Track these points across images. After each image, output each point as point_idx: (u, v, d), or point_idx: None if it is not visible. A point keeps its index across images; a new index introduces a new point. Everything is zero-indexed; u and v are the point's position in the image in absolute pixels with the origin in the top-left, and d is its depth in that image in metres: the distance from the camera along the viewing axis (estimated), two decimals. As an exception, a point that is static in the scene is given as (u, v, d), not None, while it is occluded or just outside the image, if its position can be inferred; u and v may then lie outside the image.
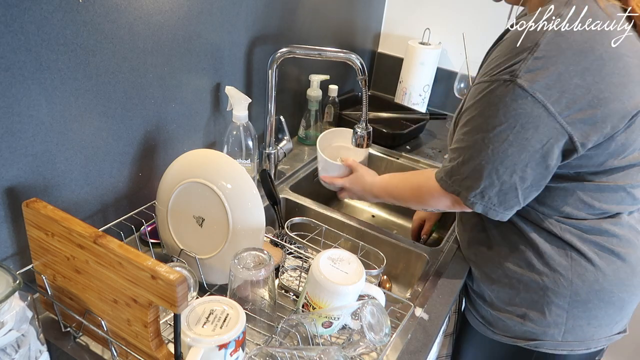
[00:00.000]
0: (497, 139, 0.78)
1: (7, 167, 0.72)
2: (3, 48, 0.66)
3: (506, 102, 0.75)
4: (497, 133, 0.77)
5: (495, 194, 0.82)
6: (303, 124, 1.44)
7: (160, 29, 0.88)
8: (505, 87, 0.75)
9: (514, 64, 0.74)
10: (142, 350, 0.68)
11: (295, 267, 0.97)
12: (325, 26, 1.43)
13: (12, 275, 0.63)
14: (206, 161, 0.84)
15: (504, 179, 0.80)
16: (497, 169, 0.80)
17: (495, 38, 0.95)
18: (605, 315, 0.92)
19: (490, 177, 0.81)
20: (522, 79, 0.73)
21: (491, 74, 0.77)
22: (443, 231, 1.45)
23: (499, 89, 0.76)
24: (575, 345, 0.94)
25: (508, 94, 0.75)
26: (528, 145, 0.77)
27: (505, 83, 0.75)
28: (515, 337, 0.97)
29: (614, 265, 0.89)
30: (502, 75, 0.75)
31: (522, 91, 0.73)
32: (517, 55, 0.74)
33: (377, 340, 0.72)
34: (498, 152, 0.78)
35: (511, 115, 0.75)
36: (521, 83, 0.73)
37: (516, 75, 0.73)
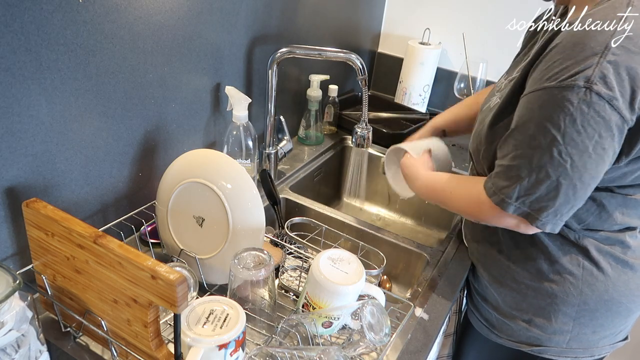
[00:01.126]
0: (576, 152, 0.71)
1: (7, 167, 0.72)
2: (3, 48, 0.66)
3: (583, 111, 0.69)
4: (576, 145, 0.70)
5: (567, 212, 0.76)
6: (303, 124, 1.44)
7: (160, 29, 0.88)
8: (580, 93, 0.68)
9: (585, 69, 0.68)
10: (142, 350, 0.68)
11: (295, 267, 0.97)
12: (325, 26, 1.43)
13: (12, 275, 0.63)
14: (206, 161, 0.84)
15: (580, 194, 0.75)
16: (575, 185, 0.73)
17: (495, 38, 0.94)
18: (611, 324, 0.91)
19: (566, 194, 0.74)
20: (598, 85, 0.67)
21: (558, 79, 0.70)
22: (443, 231, 1.45)
23: (573, 97, 0.69)
24: (580, 352, 0.93)
25: (585, 101, 0.68)
26: (605, 155, 0.72)
27: (580, 89, 0.68)
28: (519, 341, 0.96)
29: (625, 276, 0.88)
30: (575, 80, 0.68)
31: (599, 98, 0.68)
32: (587, 59, 0.68)
33: (377, 340, 0.72)
34: (578, 166, 0.72)
35: (590, 124, 0.69)
36: (598, 90, 0.68)
37: (592, 82, 0.68)
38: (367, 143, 1.17)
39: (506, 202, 0.77)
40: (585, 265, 0.87)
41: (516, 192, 0.76)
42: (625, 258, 0.87)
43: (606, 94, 0.68)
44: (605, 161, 0.73)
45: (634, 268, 0.88)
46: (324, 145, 1.46)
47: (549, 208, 0.75)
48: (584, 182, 0.73)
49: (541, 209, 0.76)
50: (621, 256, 0.87)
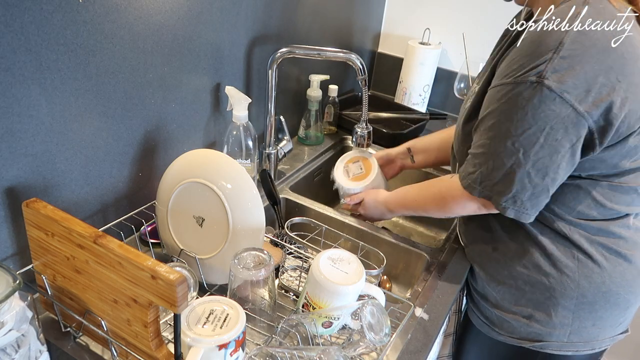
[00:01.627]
0: (527, 143, 0.76)
1: (7, 167, 0.72)
2: (3, 48, 0.66)
3: (534, 104, 0.73)
4: (527, 136, 0.76)
5: (528, 198, 0.81)
6: (303, 124, 1.44)
7: (160, 29, 0.88)
8: (532, 88, 0.73)
9: (539, 65, 0.72)
10: (142, 350, 0.68)
11: (295, 267, 0.97)
12: (325, 26, 1.43)
13: (12, 275, 0.63)
14: (206, 161, 0.84)
15: (536, 182, 0.79)
16: (529, 172, 0.78)
17: (495, 38, 0.95)
18: (611, 316, 0.92)
19: (522, 181, 0.79)
20: (549, 79, 0.72)
21: (514, 76, 0.75)
22: (443, 231, 1.45)
23: (526, 91, 0.74)
24: (580, 345, 0.94)
25: (536, 95, 0.73)
26: (559, 146, 0.76)
27: (532, 85, 0.73)
28: (520, 338, 0.96)
29: (620, 267, 0.89)
30: (528, 76, 0.73)
31: (550, 92, 0.72)
32: (542, 55, 0.73)
33: (377, 340, 0.72)
34: (529, 155, 0.77)
35: (540, 117, 0.74)
36: (549, 84, 0.72)
37: (543, 77, 0.72)
38: (367, 143, 1.17)
39: (472, 186, 0.85)
40: (580, 258, 0.89)
41: (479, 177, 0.84)
42: (618, 249, 0.88)
43: (557, 88, 0.72)
44: (560, 152, 0.76)
45: (628, 259, 0.89)
46: (324, 145, 1.46)
47: (507, 193, 0.81)
48: (539, 170, 0.78)
49: (500, 193, 0.82)
50: (614, 247, 0.88)
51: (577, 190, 0.85)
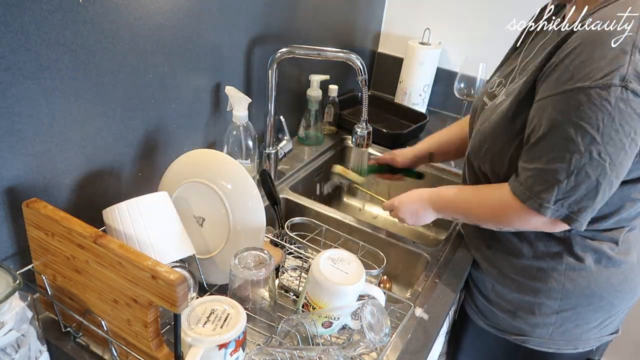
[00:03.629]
0: (614, 150, 0.72)
1: (7, 167, 0.72)
2: (3, 48, 0.66)
3: (621, 109, 0.69)
4: (614, 144, 0.71)
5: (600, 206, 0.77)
6: (303, 124, 1.44)
7: (160, 29, 0.88)
8: (615, 92, 0.69)
9: (619, 67, 0.68)
10: (142, 350, 0.68)
11: (295, 267, 0.97)
12: (325, 26, 1.43)
13: (12, 275, 0.63)
14: (206, 161, 0.84)
15: (614, 190, 0.76)
16: (612, 182, 0.74)
17: (495, 38, 0.95)
18: (594, 318, 0.93)
19: (604, 192, 0.75)
20: (633, 83, 0.68)
21: (592, 79, 0.70)
22: (443, 231, 1.45)
23: (610, 96, 0.69)
24: (563, 344, 0.96)
25: (622, 99, 0.69)
26: (636, 149, 0.73)
27: (616, 88, 0.68)
28: (503, 330, 1.00)
29: (607, 272, 0.89)
30: (610, 80, 0.69)
31: (634, 96, 0.69)
32: (619, 58, 0.69)
33: (377, 340, 0.72)
34: (615, 164, 0.73)
35: (627, 121, 0.70)
36: (634, 87, 0.68)
37: (627, 80, 0.68)
38: (367, 143, 1.17)
39: (544, 207, 0.77)
40: (569, 261, 0.89)
41: (554, 195, 0.76)
42: (609, 254, 0.88)
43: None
44: (634, 154, 0.74)
45: (616, 263, 0.89)
46: (324, 145, 1.46)
47: (588, 208, 0.76)
48: (620, 178, 0.75)
49: (580, 209, 0.76)
50: (606, 252, 0.88)
51: None
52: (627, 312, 0.99)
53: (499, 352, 1.04)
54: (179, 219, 0.79)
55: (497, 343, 1.03)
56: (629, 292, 0.93)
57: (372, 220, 1.50)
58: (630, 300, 0.95)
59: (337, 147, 1.50)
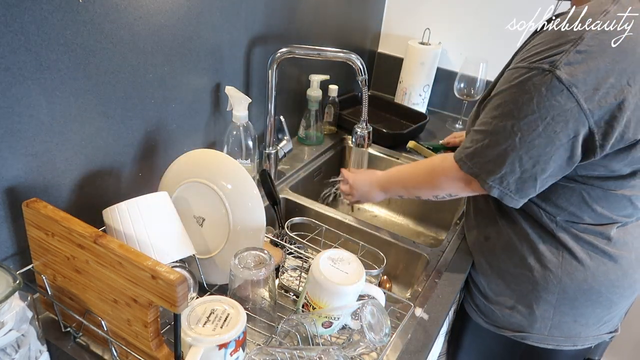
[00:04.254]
0: (526, 128, 0.76)
1: (7, 167, 0.72)
2: (3, 48, 0.66)
3: (541, 92, 0.73)
4: (528, 122, 0.76)
5: (514, 181, 0.81)
6: (303, 124, 1.44)
7: (160, 29, 0.88)
8: (542, 76, 0.73)
9: (555, 55, 0.73)
10: (142, 350, 0.68)
11: (295, 267, 0.97)
12: (325, 26, 1.43)
13: (12, 275, 0.63)
14: (206, 161, 0.84)
15: (525, 167, 0.79)
16: (521, 157, 0.79)
17: (495, 38, 0.96)
18: (593, 314, 0.94)
19: (512, 164, 0.80)
20: (561, 70, 0.72)
21: (530, 61, 0.75)
22: (443, 231, 1.45)
23: (535, 77, 0.74)
24: (562, 340, 0.96)
25: (545, 84, 0.73)
26: (556, 138, 0.76)
27: (544, 72, 0.73)
28: (502, 327, 1.00)
29: (604, 267, 0.90)
30: (542, 64, 0.73)
31: (558, 83, 0.72)
32: (560, 47, 0.73)
33: (377, 340, 0.72)
34: (525, 141, 0.77)
35: (544, 106, 0.74)
36: (559, 75, 0.72)
37: (555, 66, 0.72)
38: (367, 143, 1.17)
39: (463, 161, 0.86)
40: (565, 255, 0.90)
41: (473, 152, 0.84)
42: (605, 248, 0.89)
43: (566, 80, 0.72)
44: (555, 144, 0.76)
45: (614, 258, 0.90)
46: (324, 145, 1.46)
47: (495, 173, 0.81)
48: (531, 157, 0.78)
49: (489, 172, 0.82)
50: (601, 246, 0.89)
51: (571, 192, 0.85)
52: (626, 311, 0.99)
53: (498, 349, 1.05)
54: (179, 219, 0.79)
55: (496, 341, 1.03)
56: (628, 288, 0.93)
57: (372, 220, 1.50)
58: (629, 298, 0.95)
59: (337, 147, 1.50)
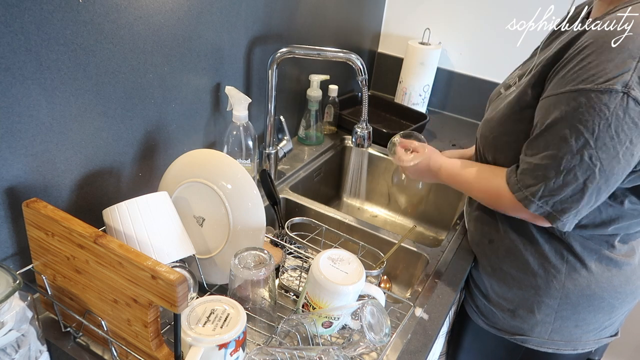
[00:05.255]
0: (605, 157, 0.71)
1: (7, 167, 0.72)
2: (3, 48, 0.66)
3: (619, 116, 0.68)
4: (607, 150, 0.70)
5: (587, 212, 0.77)
6: (303, 124, 1.44)
7: (160, 29, 0.88)
8: (618, 99, 0.67)
9: (623, 73, 0.67)
10: (142, 350, 0.68)
11: (295, 267, 0.97)
12: (325, 26, 1.43)
13: (12, 275, 0.63)
14: (206, 161, 0.84)
15: (602, 197, 0.75)
16: (600, 188, 0.74)
17: (495, 38, 0.95)
18: (594, 319, 0.93)
19: (590, 197, 0.74)
20: (635, 90, 0.67)
21: (595, 82, 0.69)
22: (443, 231, 1.45)
23: (610, 101, 0.68)
24: (562, 344, 0.96)
25: (621, 107, 0.68)
26: (632, 160, 0.72)
27: (617, 94, 0.67)
28: (503, 329, 1.00)
29: (608, 273, 0.89)
30: (612, 85, 0.67)
31: (635, 104, 0.67)
32: (625, 63, 0.67)
33: (377, 340, 0.72)
34: (606, 170, 0.72)
35: (623, 130, 0.69)
36: (636, 95, 0.67)
37: (630, 87, 0.67)
38: (367, 143, 1.17)
39: (529, 200, 0.78)
40: (570, 260, 0.89)
41: (541, 191, 0.76)
42: (610, 255, 0.88)
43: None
44: (631, 166, 0.73)
45: (618, 264, 0.89)
46: (324, 145, 1.46)
47: (572, 210, 0.76)
48: (609, 185, 0.74)
49: (564, 210, 0.76)
50: (606, 253, 0.88)
51: None
52: (626, 315, 0.99)
53: (498, 352, 1.04)
54: (179, 219, 0.79)
55: (496, 343, 1.03)
56: (630, 294, 0.93)
57: (372, 220, 1.50)
58: (631, 303, 0.95)
59: (337, 147, 1.50)
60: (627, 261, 0.89)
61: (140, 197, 0.75)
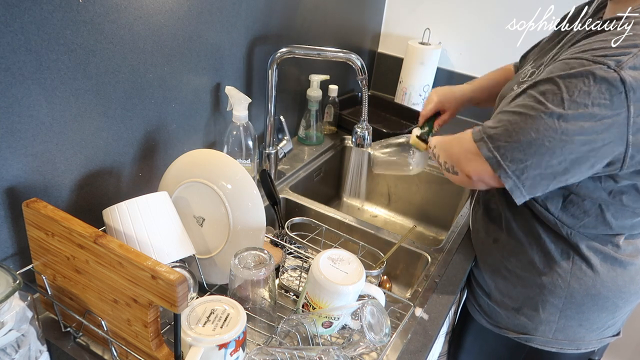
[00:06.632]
0: (573, 122, 0.70)
1: (7, 167, 0.72)
2: (3, 48, 0.66)
3: (600, 89, 0.68)
4: (577, 116, 0.69)
5: (533, 177, 0.75)
6: (303, 124, 1.44)
7: (160, 29, 0.88)
8: (606, 72, 0.67)
9: (622, 55, 0.68)
10: (142, 350, 0.68)
11: (295, 267, 0.97)
12: (325, 26, 1.43)
13: (12, 275, 0.63)
14: (206, 161, 0.84)
15: (552, 163, 0.73)
16: (554, 151, 0.72)
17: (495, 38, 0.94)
18: (598, 318, 0.93)
19: (541, 156, 0.73)
20: (626, 72, 0.67)
21: (595, 54, 0.69)
22: (443, 231, 1.45)
23: (598, 72, 0.68)
24: (565, 344, 0.96)
25: (606, 81, 0.67)
26: (592, 141, 0.70)
27: (608, 69, 0.67)
28: (506, 328, 0.99)
29: (613, 273, 0.89)
30: (608, 59, 0.68)
31: (620, 84, 0.67)
32: (627, 48, 0.68)
33: (377, 340, 0.72)
34: (566, 135, 0.70)
35: (599, 103, 0.68)
36: (624, 76, 0.67)
37: (621, 66, 0.67)
38: (367, 143, 1.17)
39: (484, 141, 0.76)
40: (576, 260, 0.89)
41: (499, 133, 0.75)
42: (615, 255, 0.88)
43: (629, 83, 0.67)
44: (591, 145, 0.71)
45: (623, 264, 0.89)
46: (324, 145, 1.46)
47: (520, 162, 0.74)
48: (563, 154, 0.72)
49: (512, 160, 0.74)
50: (612, 253, 0.88)
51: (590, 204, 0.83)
52: (629, 315, 0.99)
53: (501, 351, 1.04)
54: (179, 219, 0.79)
55: (499, 342, 1.02)
56: (634, 294, 0.92)
57: (372, 220, 1.50)
58: (634, 302, 0.95)
59: (337, 147, 1.50)
60: (632, 261, 0.89)
61: (140, 197, 0.75)
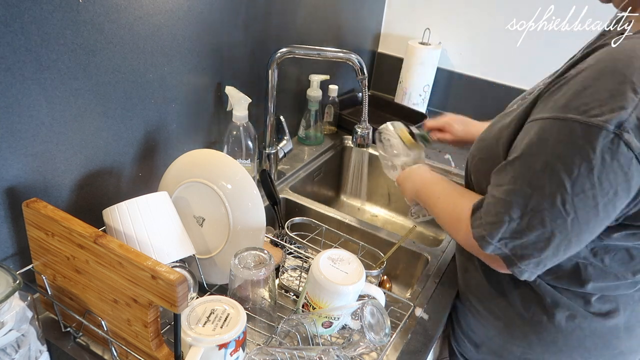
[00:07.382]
0: (582, 206, 0.59)
1: (7, 167, 0.72)
2: (3, 48, 0.66)
3: (605, 160, 0.57)
4: (585, 199, 0.59)
5: (551, 264, 0.66)
6: (303, 124, 1.44)
7: (160, 29, 0.88)
8: (608, 141, 0.56)
9: (620, 110, 0.56)
10: (142, 350, 0.68)
11: (295, 267, 0.97)
12: (325, 26, 1.43)
13: (12, 275, 0.63)
14: (206, 161, 0.84)
15: (571, 251, 0.64)
16: (569, 240, 0.62)
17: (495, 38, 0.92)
18: None
19: (557, 248, 0.63)
20: (630, 133, 0.56)
21: (587, 113, 0.57)
22: (443, 231, 1.45)
23: (597, 142, 0.57)
24: None
25: (610, 150, 0.57)
26: (613, 213, 0.61)
27: (608, 136, 0.56)
28: None
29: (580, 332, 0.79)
30: (605, 123, 0.56)
31: (627, 150, 0.56)
32: (623, 95, 0.56)
33: (377, 340, 0.72)
34: (580, 222, 0.60)
35: (608, 178, 0.58)
36: (629, 140, 0.56)
37: (623, 128, 0.56)
38: (367, 143, 1.17)
39: (486, 240, 0.67)
40: (535, 310, 0.79)
41: (501, 232, 0.65)
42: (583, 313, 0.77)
43: (637, 147, 0.57)
44: (610, 219, 0.63)
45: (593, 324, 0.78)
46: (324, 145, 1.46)
47: (533, 258, 0.65)
48: (581, 239, 0.63)
49: (524, 256, 0.65)
50: (579, 310, 0.77)
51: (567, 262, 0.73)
52: None
53: None
54: (179, 219, 0.79)
55: None
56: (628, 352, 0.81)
57: (372, 220, 1.50)
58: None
59: (337, 147, 1.50)
60: (604, 322, 0.77)
61: (140, 197, 0.75)
